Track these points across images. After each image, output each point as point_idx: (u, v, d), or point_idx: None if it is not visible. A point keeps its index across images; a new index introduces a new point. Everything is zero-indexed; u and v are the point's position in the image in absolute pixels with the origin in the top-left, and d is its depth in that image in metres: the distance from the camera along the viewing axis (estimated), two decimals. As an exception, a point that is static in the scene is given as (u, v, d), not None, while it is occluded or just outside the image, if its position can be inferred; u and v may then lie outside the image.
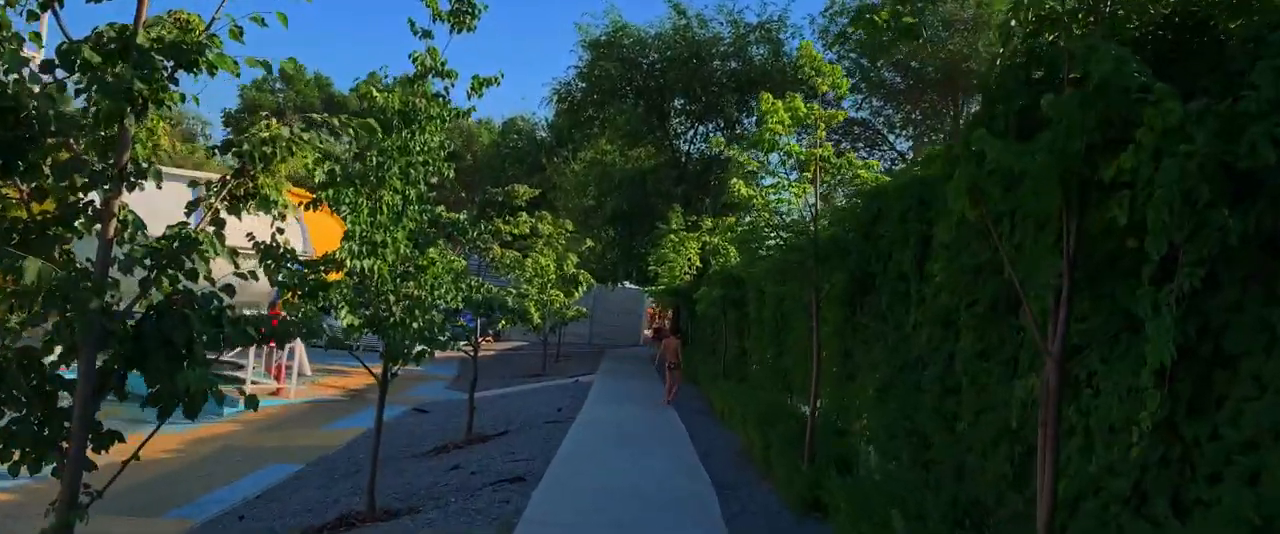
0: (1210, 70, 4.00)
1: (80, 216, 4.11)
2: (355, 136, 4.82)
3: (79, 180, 3.99)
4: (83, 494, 3.98)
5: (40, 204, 4.08)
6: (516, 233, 18.15)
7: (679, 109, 29.09)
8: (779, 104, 8.42)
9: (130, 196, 4.39)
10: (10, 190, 4.05)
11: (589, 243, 26.88)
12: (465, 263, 10.59)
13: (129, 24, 4.00)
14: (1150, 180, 3.51)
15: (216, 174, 5.10)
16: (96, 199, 4.13)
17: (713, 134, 25.69)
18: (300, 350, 19.69)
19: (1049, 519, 3.82)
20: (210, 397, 4.12)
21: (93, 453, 4.09)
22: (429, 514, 8.01)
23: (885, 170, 14.68)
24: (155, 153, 4.27)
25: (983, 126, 4.27)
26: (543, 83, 78.14)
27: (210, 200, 4.47)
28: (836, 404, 9.71)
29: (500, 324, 11.99)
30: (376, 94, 8.08)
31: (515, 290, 20.59)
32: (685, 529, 7.51)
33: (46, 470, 4.01)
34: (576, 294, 24.26)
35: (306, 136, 4.64)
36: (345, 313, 7.97)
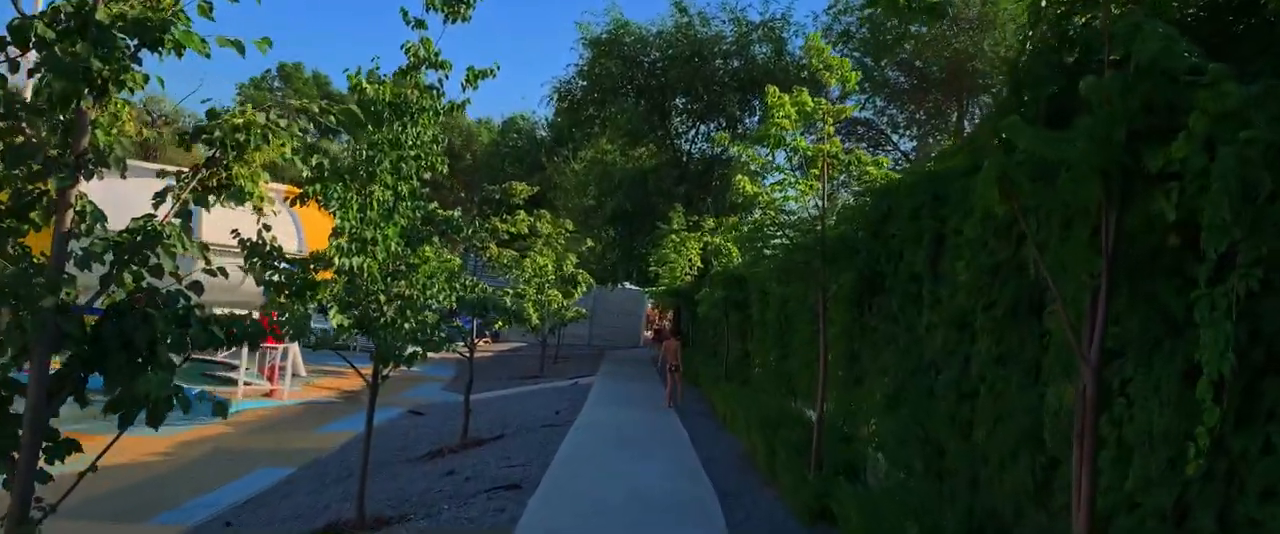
0: (1260, 52, 3.69)
1: (35, 208, 3.80)
2: (338, 123, 4.51)
3: (33, 167, 3.67)
4: (35, 508, 3.66)
5: (-9, 194, 3.78)
6: (514, 232, 17.82)
7: (680, 108, 28.75)
8: (785, 98, 8.11)
9: (100, 192, 4.08)
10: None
11: (589, 243, 26.54)
12: (460, 261, 10.29)
13: (89, -1, 3.70)
14: (1202, 171, 3.20)
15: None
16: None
17: (717, 131, 25.33)
18: (294, 351, 19.38)
19: (1087, 538, 3.50)
20: (175, 403, 3.79)
21: (47, 463, 3.76)
22: (420, 523, 7.70)
23: (891, 170, 14.36)
24: (119, 140, 3.95)
25: (1013, 114, 3.97)
26: (542, 82, 77.83)
27: (178, 191, 4.15)
28: (843, 409, 9.40)
29: (497, 325, 11.67)
30: (366, 85, 7.77)
31: (512, 290, 20.30)
32: (687, 540, 7.20)
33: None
34: (575, 295, 23.92)
35: (284, 123, 4.31)
36: (334, 313, 7.66)
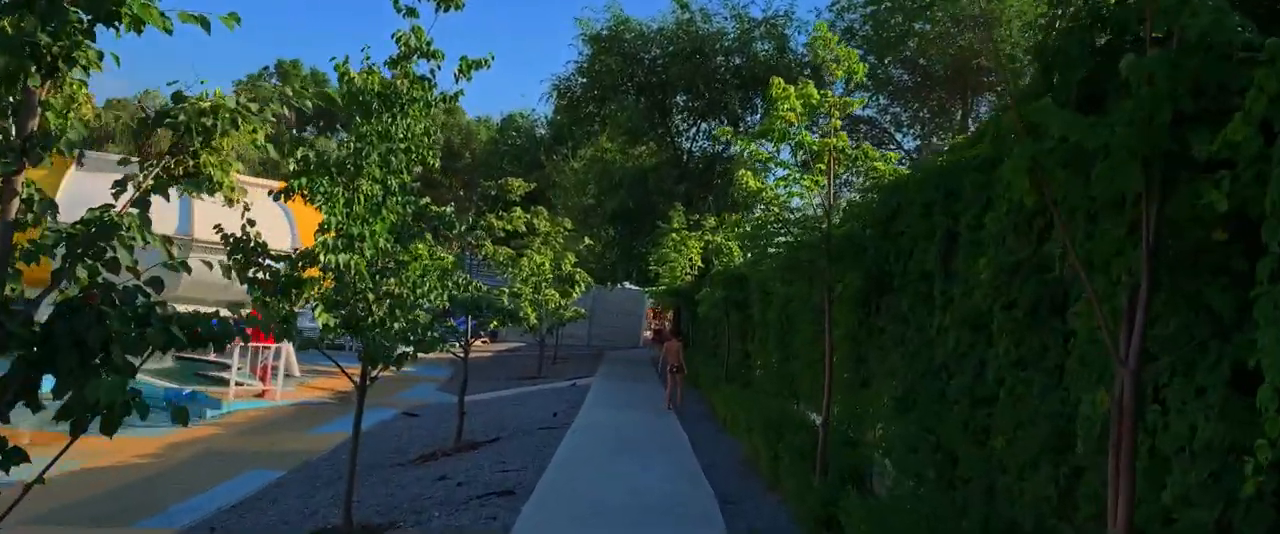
0: (1314, 30, 3.38)
1: (-20, 196, 3.49)
2: (314, 108, 4.21)
3: (-25, 152, 3.37)
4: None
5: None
6: (510, 229, 17.48)
7: (681, 106, 28.43)
8: (791, 90, 7.80)
9: (64, 190, 3.77)
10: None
11: (588, 242, 26.20)
12: (453, 259, 9.98)
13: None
14: (1259, 156, 2.90)
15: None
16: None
17: (719, 125, 25.01)
18: (288, 351, 19.07)
19: (1127, 558, 3.20)
20: (133, 409, 3.48)
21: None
22: (408, 531, 7.39)
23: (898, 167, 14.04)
24: (73, 124, 3.65)
25: (1045, 97, 3.67)
26: (542, 79, 77.40)
27: (140, 179, 3.85)
28: (848, 412, 9.09)
29: (492, 325, 11.38)
30: (354, 75, 7.46)
31: (508, 290, 19.97)
32: (687, 550, 6.89)
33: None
34: (573, 294, 23.59)
35: (255, 108, 4.01)
36: (320, 312, 7.35)
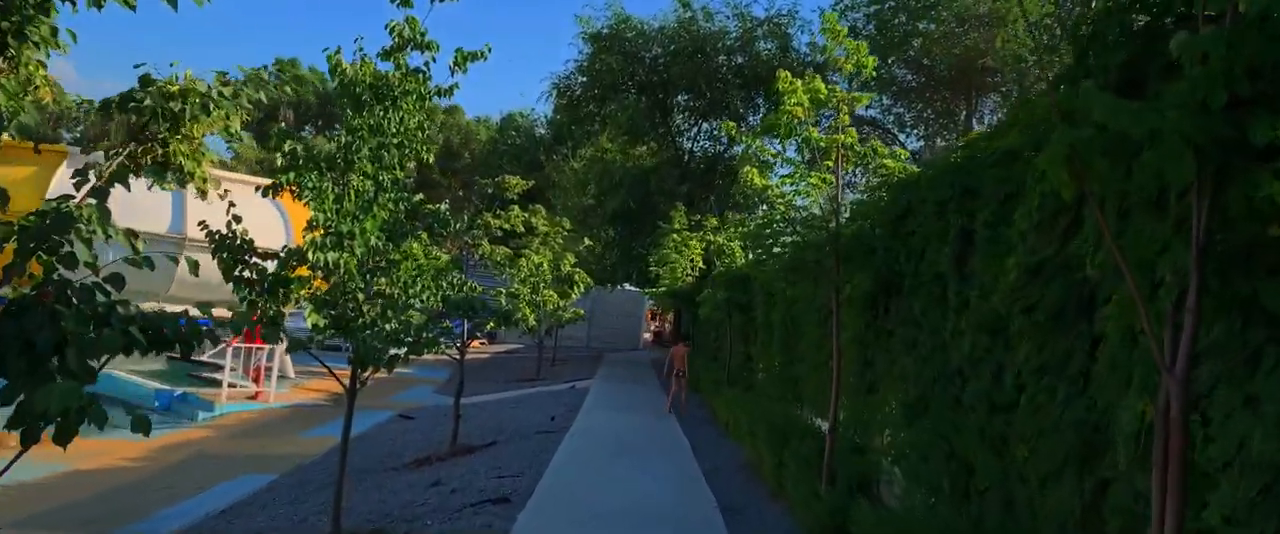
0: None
1: (-76, 184, 3.21)
2: (294, 92, 3.95)
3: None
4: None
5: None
6: (508, 228, 17.15)
7: (682, 105, 28.14)
8: (798, 84, 7.52)
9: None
10: None
11: (587, 242, 25.88)
12: (448, 258, 9.69)
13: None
14: (1328, 143, 2.62)
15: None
16: None
17: (721, 126, 24.66)
18: (282, 351, 18.76)
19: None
20: (87, 417, 3.19)
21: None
22: (399, 541, 7.11)
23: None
24: (28, 106, 3.36)
25: (1082, 81, 3.39)
26: (542, 78, 76.97)
27: (102, 168, 3.56)
28: (854, 418, 8.81)
29: (488, 326, 11.10)
30: (346, 66, 7.18)
31: (505, 290, 19.65)
32: (689, 563, 6.61)
33: None
34: (572, 295, 23.28)
35: (228, 92, 3.72)
36: (310, 313, 7.06)
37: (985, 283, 5.88)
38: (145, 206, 18.42)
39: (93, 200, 3.39)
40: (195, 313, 3.73)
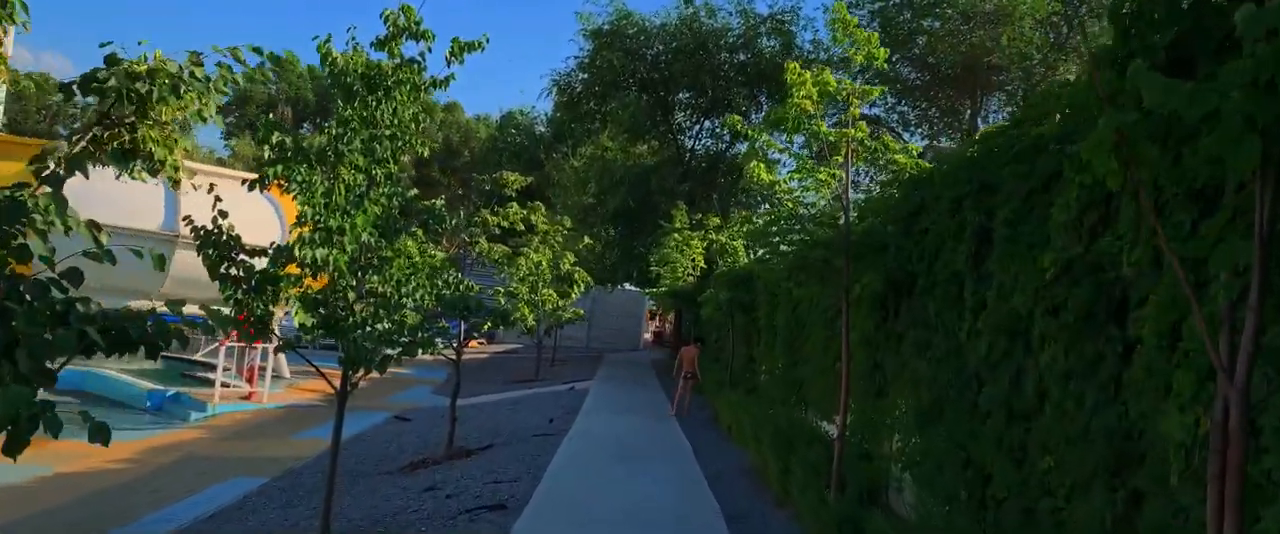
0: None
1: None
2: (273, 69, 3.67)
3: None
4: None
5: None
6: (505, 225, 16.84)
7: (684, 103, 27.82)
8: (807, 75, 7.25)
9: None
10: None
11: (587, 241, 25.56)
12: (443, 256, 9.40)
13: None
14: None
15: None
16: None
17: (722, 124, 24.33)
18: (275, 350, 18.46)
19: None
20: (42, 424, 2.91)
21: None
22: (391, 550, 6.83)
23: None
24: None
25: (1121, 66, 3.11)
26: (542, 75, 76.50)
27: (62, 154, 3.28)
28: (862, 423, 8.53)
29: (484, 326, 10.82)
30: (337, 55, 6.90)
31: (502, 289, 19.36)
32: (693, 574, 6.32)
33: None
34: (572, 295, 22.96)
35: (200, 74, 3.45)
36: (298, 312, 6.78)
37: (1005, 283, 5.61)
38: (138, 203, 18.16)
39: (50, 189, 3.11)
40: (163, 310, 3.45)
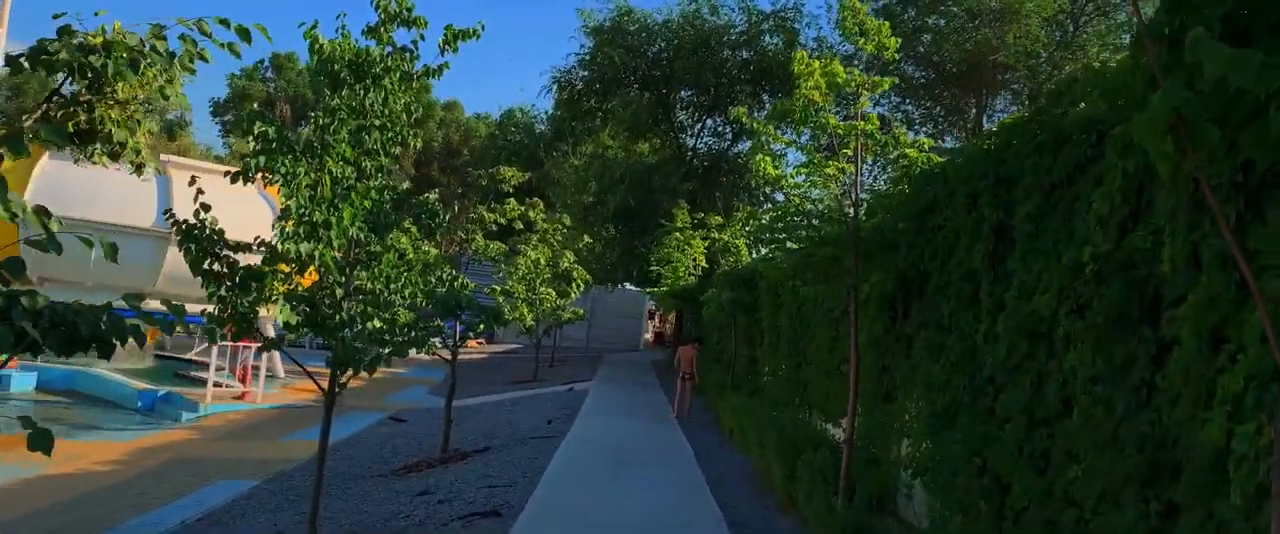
0: None
1: None
2: (242, 40, 3.36)
3: None
4: None
5: None
6: (502, 222, 16.51)
7: (686, 101, 27.51)
8: (816, 65, 6.96)
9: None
10: None
11: (586, 239, 25.24)
12: (437, 252, 9.11)
13: None
14: None
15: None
16: None
17: (724, 123, 24.01)
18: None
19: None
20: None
21: None
22: (379, 559, 6.54)
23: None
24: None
25: (1168, 40, 2.82)
26: (542, 71, 76.06)
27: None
28: (869, 427, 8.24)
29: (479, 326, 10.54)
30: (324, 42, 6.61)
31: (500, 287, 19.05)
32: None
33: None
34: (572, 294, 22.63)
35: (162, 48, 3.15)
36: (282, 309, 6.49)
37: (1026, 282, 5.31)
38: (131, 199, 17.88)
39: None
40: (120, 304, 3.16)
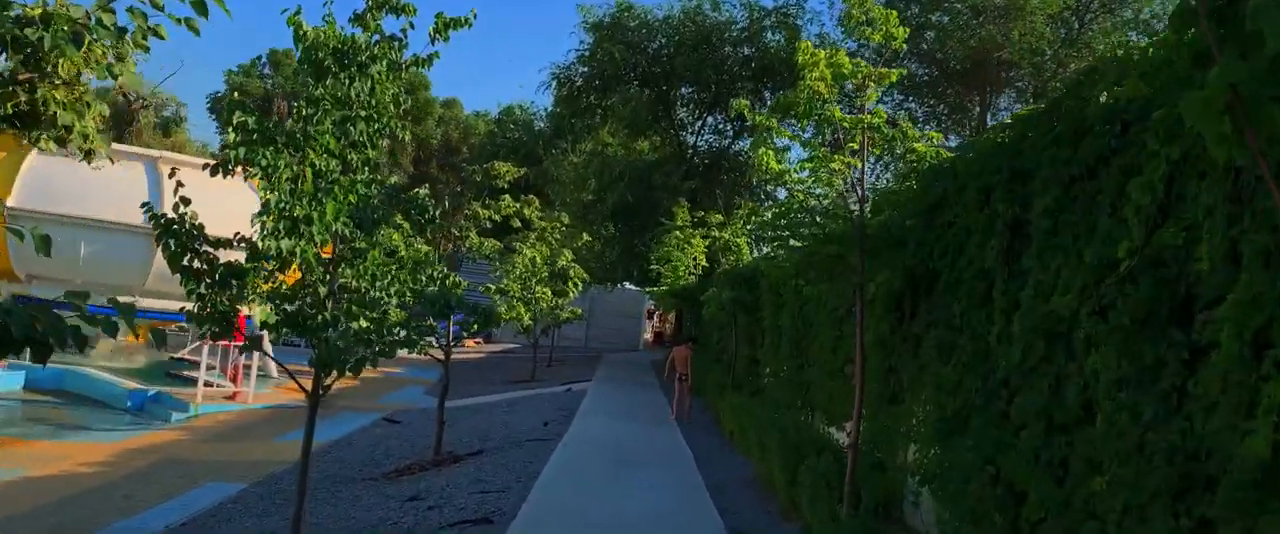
0: None
1: None
2: (197, 11, 3.08)
3: None
4: None
5: None
6: (497, 219, 16.21)
7: (686, 98, 27.22)
8: (821, 55, 6.67)
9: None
10: None
11: (585, 238, 24.93)
12: (428, 249, 8.83)
13: None
14: None
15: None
16: None
17: (725, 121, 23.69)
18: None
19: None
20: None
21: None
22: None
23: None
24: None
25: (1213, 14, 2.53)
26: (541, 68, 75.65)
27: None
28: (874, 430, 7.97)
29: (472, 327, 10.26)
30: (307, 28, 6.33)
31: (494, 286, 18.75)
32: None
33: None
34: (569, 292, 22.31)
35: (108, 22, 2.87)
36: (260, 308, 6.22)
37: (1043, 281, 5.04)
38: (122, 196, 17.58)
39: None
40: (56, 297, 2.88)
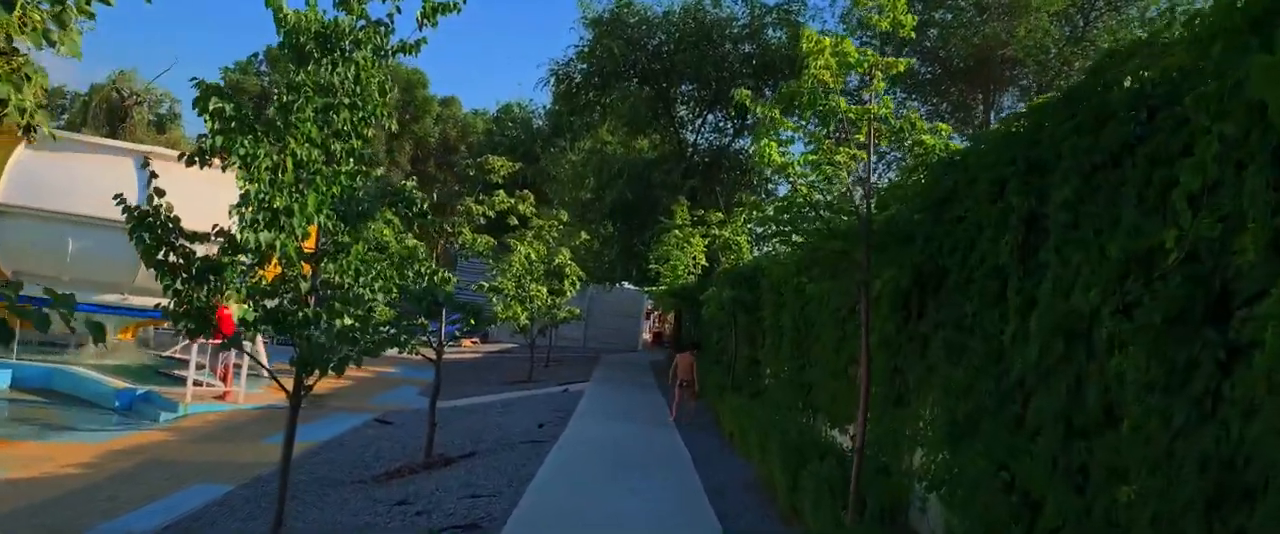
0: None
1: None
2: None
3: None
4: None
5: None
6: (491, 215, 15.93)
7: (686, 95, 26.92)
8: (826, 42, 6.40)
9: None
10: None
11: (584, 236, 24.64)
12: (417, 244, 8.55)
13: None
14: None
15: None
16: None
17: (725, 119, 23.38)
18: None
19: None
20: None
21: None
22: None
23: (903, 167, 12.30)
24: None
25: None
26: (539, 65, 75.16)
27: None
28: (879, 433, 7.69)
29: (466, 325, 9.99)
30: (289, 12, 6.06)
31: (487, 284, 18.47)
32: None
33: None
34: (565, 291, 22.02)
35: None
36: (238, 304, 5.95)
37: (1062, 277, 4.76)
38: (109, 191, 17.28)
39: None
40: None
